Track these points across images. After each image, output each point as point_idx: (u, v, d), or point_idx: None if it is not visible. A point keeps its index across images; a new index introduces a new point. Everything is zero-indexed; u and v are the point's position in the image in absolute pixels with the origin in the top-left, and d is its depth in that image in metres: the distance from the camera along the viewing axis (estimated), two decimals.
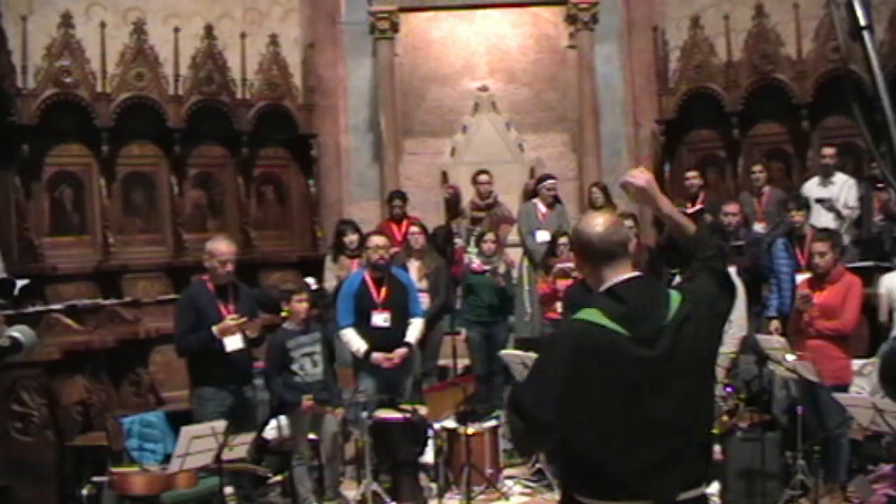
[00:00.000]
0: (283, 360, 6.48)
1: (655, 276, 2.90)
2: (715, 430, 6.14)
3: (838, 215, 8.30)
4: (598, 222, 2.82)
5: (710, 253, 2.93)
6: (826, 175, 8.60)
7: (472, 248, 8.57)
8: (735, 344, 6.83)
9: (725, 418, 6.34)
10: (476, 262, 8.21)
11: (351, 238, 8.42)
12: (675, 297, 2.78)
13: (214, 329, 5.98)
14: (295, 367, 6.48)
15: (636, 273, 2.81)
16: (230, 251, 6.22)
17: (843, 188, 8.49)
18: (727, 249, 7.82)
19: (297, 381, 6.49)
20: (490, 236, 8.24)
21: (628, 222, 8.44)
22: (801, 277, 7.22)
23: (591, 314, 2.74)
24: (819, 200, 8.38)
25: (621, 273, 2.78)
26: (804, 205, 7.69)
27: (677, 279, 6.97)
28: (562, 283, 7.58)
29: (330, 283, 8.25)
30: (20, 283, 7.49)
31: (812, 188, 8.61)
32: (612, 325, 2.69)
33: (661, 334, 2.69)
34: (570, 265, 7.56)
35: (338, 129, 10.81)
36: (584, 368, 2.66)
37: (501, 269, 8.16)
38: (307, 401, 6.38)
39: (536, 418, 2.69)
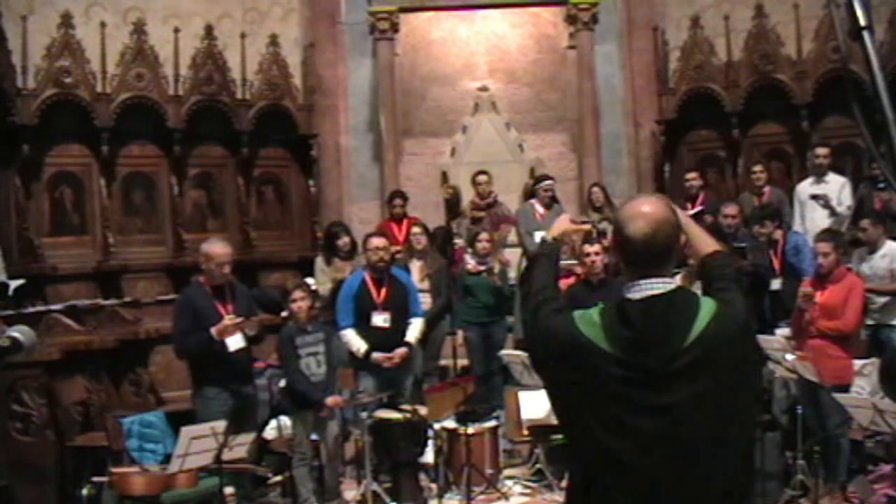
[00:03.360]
0: (295, 353, 6.45)
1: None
2: None
3: (832, 212, 8.31)
4: (640, 224, 2.37)
5: (730, 272, 2.60)
6: (819, 175, 8.62)
7: (469, 249, 8.56)
8: None
9: None
10: (471, 263, 8.19)
11: (344, 241, 8.43)
12: (708, 309, 2.36)
13: (213, 331, 5.98)
14: (301, 365, 6.47)
15: (667, 286, 2.38)
16: (226, 253, 6.21)
17: (837, 187, 8.51)
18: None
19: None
20: (484, 235, 8.22)
21: None
22: (775, 283, 7.56)
23: (591, 324, 2.39)
24: (814, 197, 8.39)
25: (656, 279, 2.38)
26: (772, 215, 7.84)
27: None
28: (563, 282, 7.57)
29: (324, 287, 8.19)
30: (14, 284, 7.49)
31: (805, 188, 8.64)
32: (613, 351, 2.34)
33: (674, 360, 2.30)
34: (573, 262, 7.55)
35: (338, 129, 10.82)
36: (574, 383, 2.39)
37: (496, 268, 8.14)
38: (332, 399, 6.38)
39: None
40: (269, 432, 6.99)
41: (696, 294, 2.48)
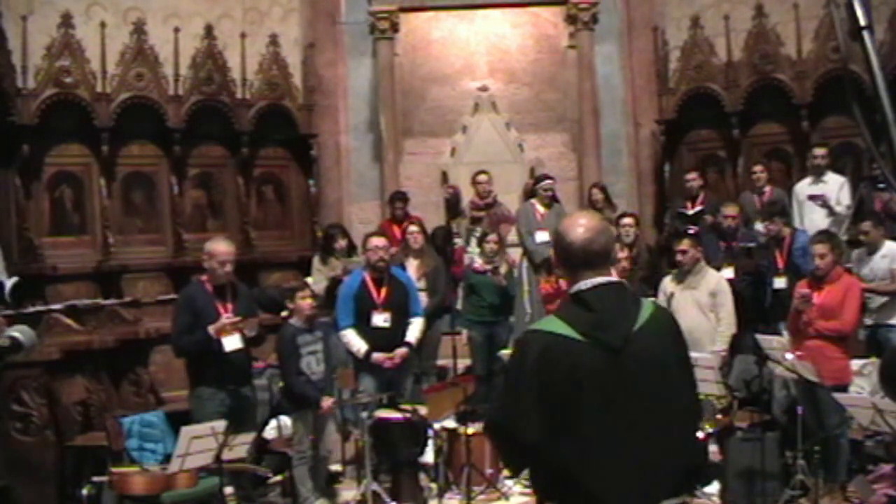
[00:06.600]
0: (295, 353, 6.44)
1: (640, 280, 2.84)
2: (708, 426, 6.12)
3: (830, 212, 8.31)
4: (580, 231, 2.70)
5: None
6: (818, 175, 8.63)
7: (474, 249, 8.57)
8: (725, 341, 6.84)
9: (720, 416, 6.33)
10: (478, 263, 8.22)
11: (341, 244, 8.48)
12: (648, 306, 2.76)
13: (210, 329, 5.96)
14: (302, 364, 6.46)
15: (609, 278, 2.72)
16: (229, 251, 6.20)
17: (836, 187, 8.51)
18: (735, 251, 7.89)
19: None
20: (493, 236, 8.25)
21: (629, 220, 8.47)
22: (779, 281, 7.49)
23: (552, 324, 2.69)
24: (811, 197, 8.40)
25: (596, 278, 2.69)
26: (781, 212, 7.83)
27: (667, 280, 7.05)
28: (565, 283, 7.56)
29: (319, 286, 8.19)
30: (9, 282, 7.45)
31: (804, 188, 8.65)
32: (575, 334, 2.62)
33: (629, 342, 2.63)
34: None
35: (338, 129, 10.82)
36: (551, 381, 2.59)
37: (503, 268, 8.17)
38: (327, 400, 6.37)
39: (519, 440, 2.64)
40: (269, 432, 6.99)
41: (631, 289, 2.89)
